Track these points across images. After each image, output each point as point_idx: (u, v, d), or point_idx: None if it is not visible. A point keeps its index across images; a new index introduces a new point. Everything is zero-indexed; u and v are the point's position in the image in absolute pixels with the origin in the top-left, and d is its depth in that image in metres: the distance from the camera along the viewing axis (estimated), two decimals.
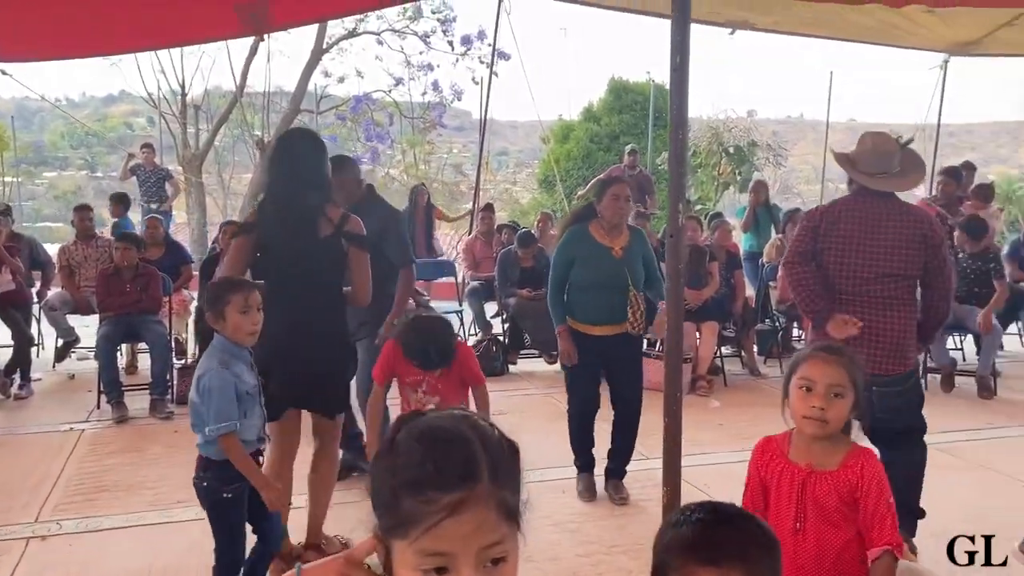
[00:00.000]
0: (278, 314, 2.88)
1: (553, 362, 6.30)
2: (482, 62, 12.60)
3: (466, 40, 13.17)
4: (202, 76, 24.41)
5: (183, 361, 6.12)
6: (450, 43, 13.38)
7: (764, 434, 2.10)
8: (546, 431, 4.51)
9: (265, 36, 10.94)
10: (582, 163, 16.81)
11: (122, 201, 8.73)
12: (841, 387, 1.85)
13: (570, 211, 4.34)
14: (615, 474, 3.98)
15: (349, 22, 13.19)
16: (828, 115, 12.73)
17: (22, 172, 18.34)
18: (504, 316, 6.85)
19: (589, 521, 3.72)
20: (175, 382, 5.60)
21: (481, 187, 10.47)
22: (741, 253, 7.66)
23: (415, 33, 13.42)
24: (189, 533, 3.42)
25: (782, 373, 6.41)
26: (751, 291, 7.19)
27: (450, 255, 10.54)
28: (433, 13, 13.22)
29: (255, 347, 2.75)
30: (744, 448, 2.38)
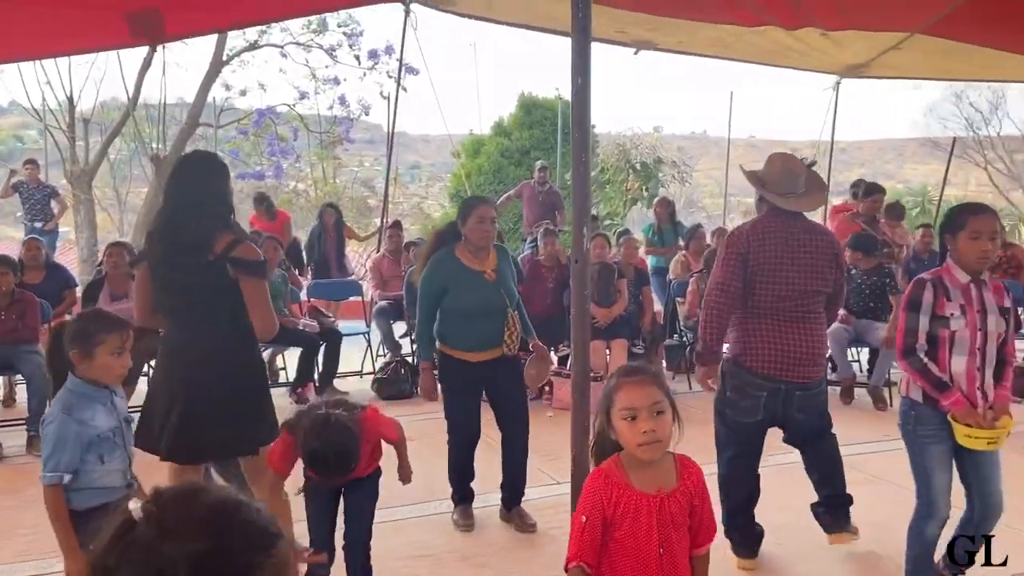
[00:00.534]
0: (172, 349, 2.72)
1: None
2: (390, 76, 12.47)
3: (373, 54, 12.99)
4: (94, 87, 23.32)
5: None
6: (357, 57, 13.19)
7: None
8: None
9: (159, 46, 10.43)
10: (493, 178, 16.83)
11: None
12: (660, 403, 1.90)
13: (432, 234, 4.16)
14: (515, 501, 3.85)
15: (251, 34, 12.82)
16: (730, 132, 13.21)
17: None
18: (413, 337, 6.69)
19: (499, 554, 3.60)
20: None
21: (393, 201, 10.30)
22: (648, 269, 7.76)
23: (320, 46, 13.15)
24: None
25: (691, 388, 6.45)
26: (659, 306, 7.28)
27: (360, 273, 10.31)
28: (339, 27, 13.00)
29: (157, 385, 2.55)
30: None
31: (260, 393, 3.01)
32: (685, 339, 6.96)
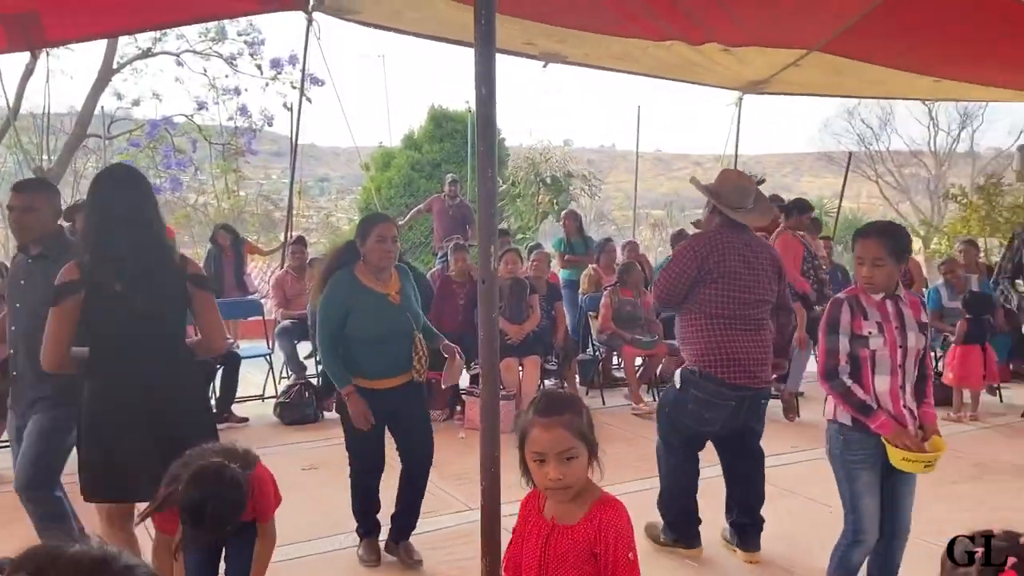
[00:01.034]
0: (134, 384, 2.60)
1: None
2: (294, 87, 12.10)
3: (276, 63, 12.59)
4: None
5: None
6: (259, 66, 12.75)
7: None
8: None
9: (42, 52, 9.78)
10: (404, 191, 16.60)
11: None
12: (572, 449, 1.78)
13: (329, 253, 3.93)
14: (404, 536, 3.60)
15: (144, 40, 12.21)
16: (638, 146, 13.41)
17: None
18: (318, 358, 6.41)
19: None
20: None
21: (301, 215, 9.95)
22: (560, 282, 7.70)
23: (219, 55, 12.64)
24: None
25: (604, 404, 6.42)
26: (570, 320, 7.22)
27: (264, 291, 9.90)
28: (239, 35, 12.53)
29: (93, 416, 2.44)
30: None
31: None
32: (598, 354, 6.93)
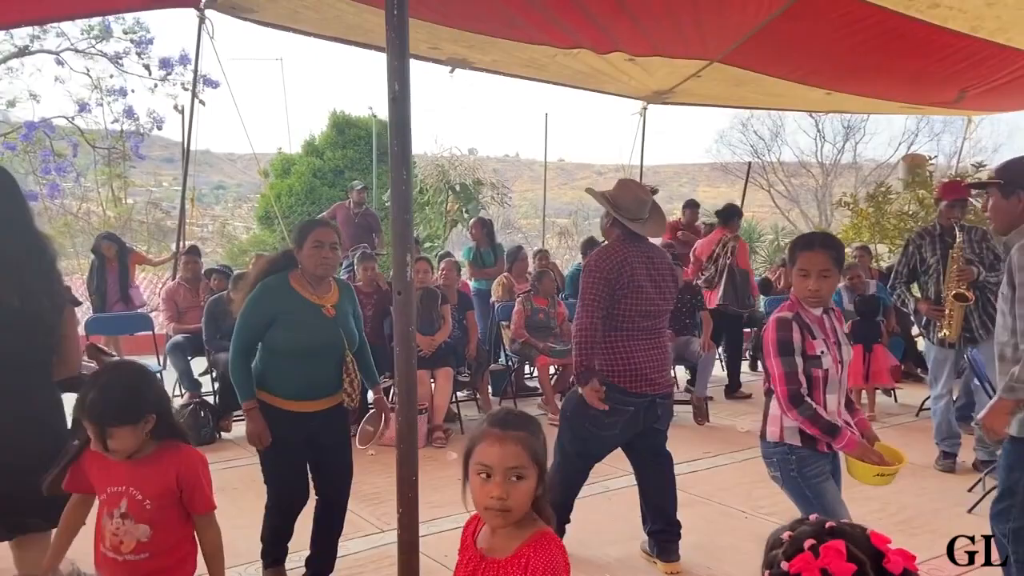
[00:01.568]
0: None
1: None
2: (185, 88, 11.53)
3: (165, 64, 11.96)
4: None
5: None
6: (146, 67, 12.09)
7: None
8: (261, 513, 3.79)
9: None
10: (305, 198, 16.14)
11: None
12: (522, 467, 1.62)
13: (262, 259, 3.67)
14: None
15: (20, 38, 11.38)
16: (545, 155, 13.50)
17: None
18: (215, 374, 6.06)
19: None
20: None
21: (196, 223, 9.44)
22: (471, 291, 7.58)
23: (104, 54, 11.92)
24: None
25: None
26: (481, 330, 7.10)
27: (154, 304, 9.34)
28: (125, 33, 11.83)
29: None
30: None
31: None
32: (511, 363, 6.84)
